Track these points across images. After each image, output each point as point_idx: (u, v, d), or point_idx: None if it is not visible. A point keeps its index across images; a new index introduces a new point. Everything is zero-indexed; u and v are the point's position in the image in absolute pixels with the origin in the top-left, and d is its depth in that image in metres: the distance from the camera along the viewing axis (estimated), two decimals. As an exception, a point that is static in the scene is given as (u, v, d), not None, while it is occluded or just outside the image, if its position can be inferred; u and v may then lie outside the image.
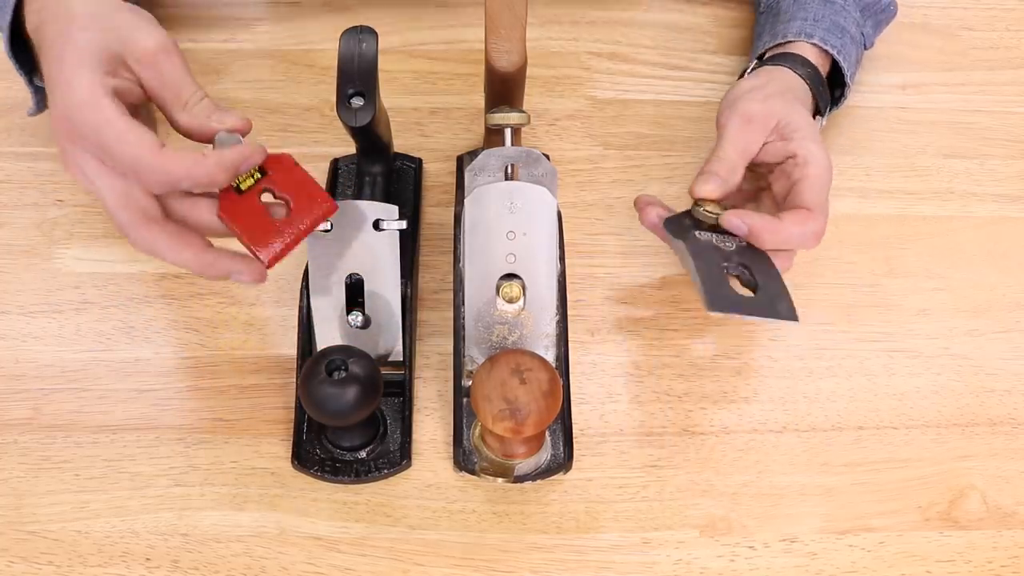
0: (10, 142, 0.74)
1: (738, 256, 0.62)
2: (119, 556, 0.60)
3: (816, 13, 0.72)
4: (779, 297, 0.61)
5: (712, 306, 0.59)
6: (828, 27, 0.72)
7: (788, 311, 0.60)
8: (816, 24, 0.72)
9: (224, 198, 0.55)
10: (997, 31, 0.85)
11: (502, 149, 0.63)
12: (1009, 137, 0.79)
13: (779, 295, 0.61)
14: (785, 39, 0.72)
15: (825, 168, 0.64)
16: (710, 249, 0.62)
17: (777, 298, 0.61)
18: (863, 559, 0.62)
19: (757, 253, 0.63)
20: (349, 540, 0.61)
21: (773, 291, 0.61)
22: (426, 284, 0.70)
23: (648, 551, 0.62)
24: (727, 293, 0.60)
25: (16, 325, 0.67)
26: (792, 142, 0.64)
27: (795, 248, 0.64)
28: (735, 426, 0.66)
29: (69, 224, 0.71)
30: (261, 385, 0.66)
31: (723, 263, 0.62)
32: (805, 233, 0.62)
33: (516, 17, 0.60)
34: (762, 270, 0.62)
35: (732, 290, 0.60)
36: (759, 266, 0.62)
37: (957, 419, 0.67)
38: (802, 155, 0.64)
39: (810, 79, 0.69)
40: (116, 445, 0.63)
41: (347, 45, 0.59)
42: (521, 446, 0.61)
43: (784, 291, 0.61)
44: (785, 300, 0.61)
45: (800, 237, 0.62)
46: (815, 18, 0.72)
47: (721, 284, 0.60)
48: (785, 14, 0.74)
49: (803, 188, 0.63)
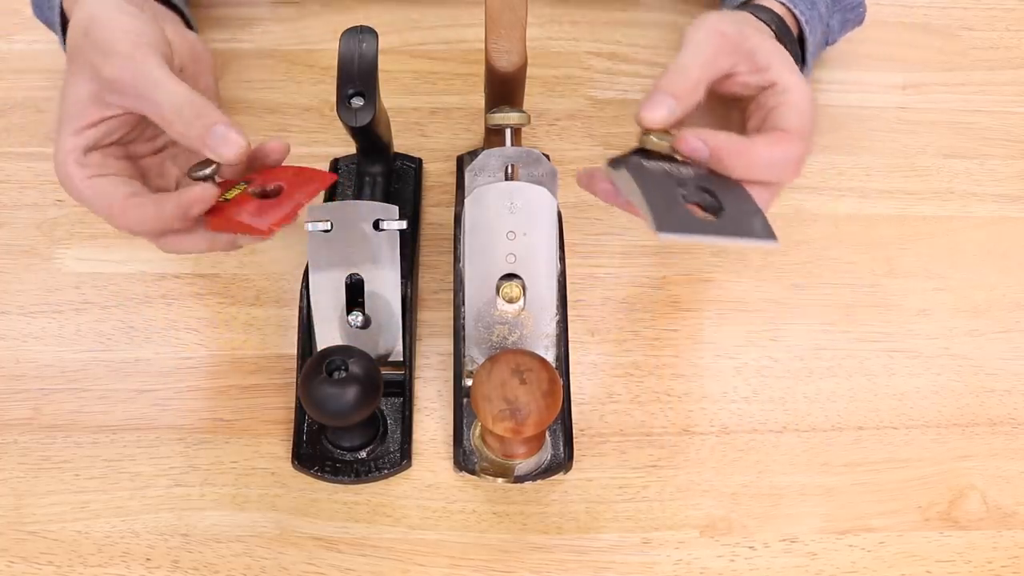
0: (10, 142, 0.74)
1: (697, 181, 0.52)
2: (119, 556, 0.60)
3: None
4: (751, 215, 0.50)
5: (661, 226, 0.47)
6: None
7: (763, 229, 0.49)
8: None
9: (210, 212, 0.55)
10: (997, 31, 0.85)
11: (502, 149, 0.63)
12: (1009, 137, 0.79)
13: (751, 213, 0.50)
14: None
15: (807, 98, 0.55)
16: (660, 175, 0.51)
17: (748, 216, 0.50)
18: (863, 559, 0.62)
19: (723, 178, 0.52)
20: (349, 540, 0.61)
21: (743, 210, 0.50)
22: (426, 284, 0.70)
23: (648, 551, 0.62)
24: (681, 214, 0.49)
25: (16, 325, 0.67)
26: (769, 71, 0.56)
27: (771, 178, 0.54)
28: (735, 426, 0.66)
29: (69, 224, 0.71)
30: (261, 385, 0.66)
31: (679, 189, 0.50)
32: (781, 157, 0.53)
33: (516, 17, 0.60)
34: (729, 194, 0.51)
35: (689, 212, 0.49)
36: (725, 191, 0.51)
37: (957, 419, 0.67)
38: (782, 83, 0.56)
39: (779, 30, 0.64)
40: (116, 445, 0.63)
41: (347, 45, 0.59)
42: (521, 446, 0.61)
43: (757, 209, 0.51)
44: (759, 218, 0.50)
45: (775, 163, 0.53)
46: None
47: (674, 205, 0.49)
48: None
49: (781, 112, 0.55)
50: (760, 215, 0.50)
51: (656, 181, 0.50)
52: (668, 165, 0.52)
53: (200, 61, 0.61)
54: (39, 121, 0.75)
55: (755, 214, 0.50)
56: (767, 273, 0.71)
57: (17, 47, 0.79)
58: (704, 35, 0.56)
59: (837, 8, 0.73)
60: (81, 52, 0.55)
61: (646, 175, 0.51)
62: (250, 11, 0.81)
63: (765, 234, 0.49)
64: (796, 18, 0.67)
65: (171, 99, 0.53)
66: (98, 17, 0.55)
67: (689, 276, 0.71)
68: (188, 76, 0.59)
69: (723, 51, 0.56)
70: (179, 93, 0.54)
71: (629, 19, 0.83)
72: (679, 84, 0.54)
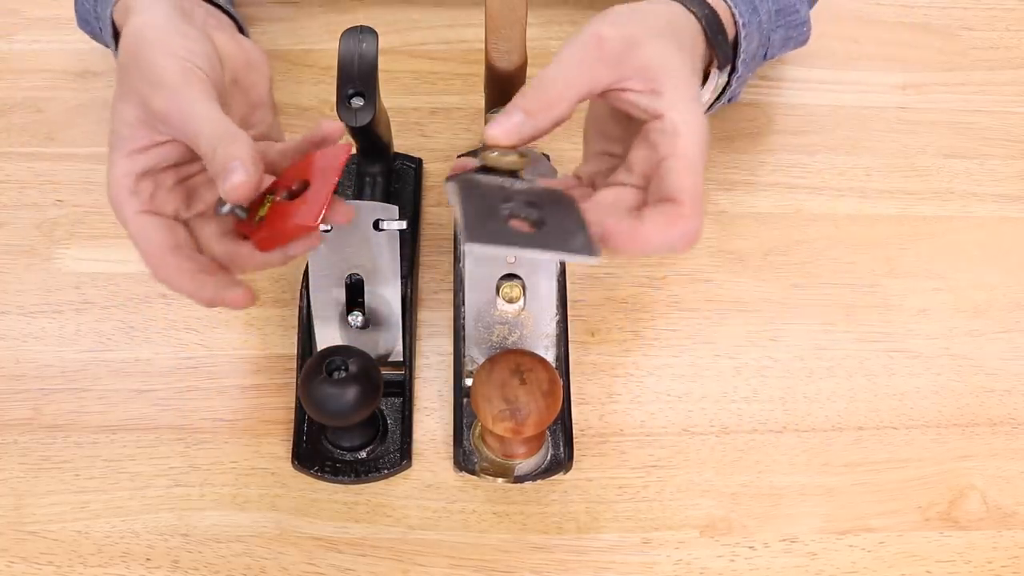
0: (10, 142, 0.74)
1: (527, 196, 0.49)
2: (119, 556, 0.60)
3: None
4: (573, 231, 0.47)
5: (471, 237, 0.45)
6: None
7: (582, 245, 0.46)
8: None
9: (253, 236, 0.53)
10: (997, 31, 0.85)
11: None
12: (1009, 137, 0.79)
13: (573, 229, 0.47)
14: None
15: (699, 141, 0.49)
16: (489, 188, 0.49)
17: (570, 231, 0.47)
18: (863, 559, 0.62)
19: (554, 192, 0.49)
20: (349, 540, 0.61)
21: (566, 226, 0.47)
22: (426, 284, 0.70)
23: (648, 551, 0.62)
24: (496, 227, 0.46)
25: (16, 325, 0.67)
26: (660, 97, 0.49)
27: (663, 254, 0.50)
28: (735, 426, 0.66)
29: (69, 224, 0.71)
30: (261, 385, 0.66)
31: (503, 203, 0.48)
32: (677, 238, 0.48)
33: (516, 17, 0.60)
34: (555, 209, 0.48)
35: (506, 225, 0.47)
36: (553, 205, 0.48)
37: (957, 419, 0.67)
38: (671, 120, 0.49)
39: (707, 21, 0.55)
40: (116, 445, 0.63)
41: (347, 45, 0.59)
42: (521, 446, 0.61)
43: (582, 225, 0.48)
44: (581, 234, 0.47)
45: (669, 244, 0.49)
46: None
47: (491, 217, 0.47)
48: None
49: (671, 170, 0.49)
50: (583, 231, 0.47)
51: (481, 194, 0.48)
52: (503, 180, 0.49)
53: (255, 69, 0.57)
54: (39, 121, 0.75)
55: (578, 230, 0.47)
56: (767, 273, 0.71)
57: (17, 47, 0.79)
58: (579, 42, 0.50)
59: (780, 23, 0.67)
60: (129, 76, 0.53)
61: (472, 188, 0.48)
62: (249, 11, 0.81)
63: (583, 249, 0.46)
64: (735, 19, 0.60)
65: (209, 133, 0.50)
66: (148, 39, 0.53)
67: (689, 276, 0.71)
68: (242, 88, 0.57)
69: (600, 62, 0.50)
70: (215, 129, 0.50)
71: (629, 19, 0.83)
72: (534, 100, 0.49)
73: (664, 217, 0.48)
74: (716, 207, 0.74)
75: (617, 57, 0.50)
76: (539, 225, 0.47)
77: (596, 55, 0.50)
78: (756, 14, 0.63)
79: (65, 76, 0.77)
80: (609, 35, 0.50)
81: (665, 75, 0.50)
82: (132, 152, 0.53)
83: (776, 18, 0.67)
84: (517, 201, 0.48)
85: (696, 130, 0.49)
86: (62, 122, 0.75)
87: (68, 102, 0.76)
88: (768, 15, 0.65)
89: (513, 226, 0.47)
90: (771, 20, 0.66)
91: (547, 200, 0.49)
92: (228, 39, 0.58)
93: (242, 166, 0.49)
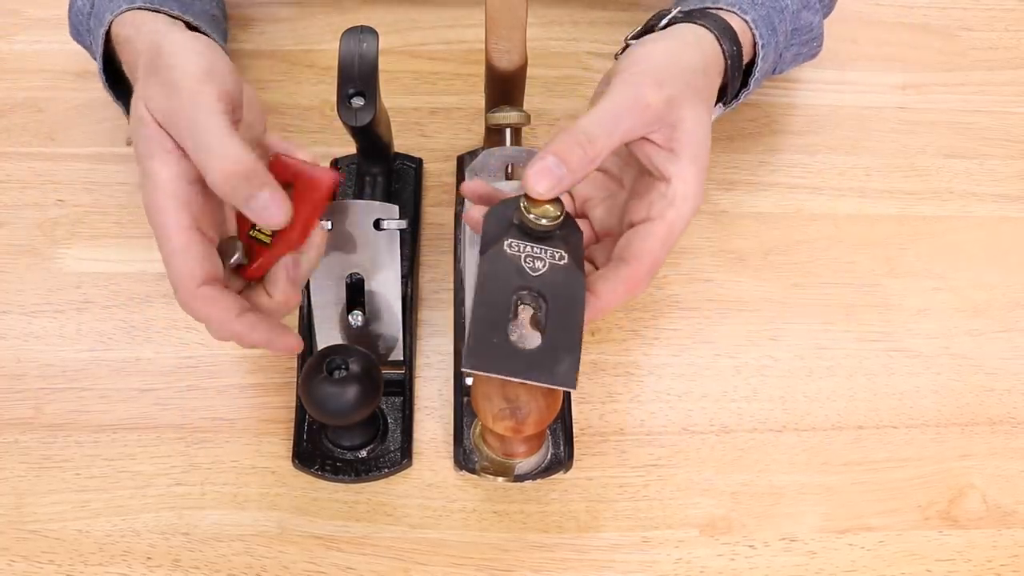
0: (11, 142, 0.74)
1: (541, 286, 0.51)
2: (120, 555, 0.60)
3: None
4: (563, 353, 0.50)
5: (468, 361, 0.48)
6: (764, 16, 0.62)
7: (566, 375, 0.49)
8: (754, 6, 0.62)
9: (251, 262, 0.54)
10: (997, 31, 0.85)
11: (502, 149, 0.63)
12: (1008, 137, 0.79)
13: (566, 349, 0.50)
14: (715, 3, 0.61)
15: (687, 217, 0.53)
16: (509, 273, 0.51)
17: (560, 353, 0.49)
18: (863, 558, 0.62)
19: (569, 284, 0.51)
20: (350, 539, 0.61)
21: (560, 343, 0.50)
22: (426, 284, 0.70)
23: (648, 550, 0.62)
24: (495, 350, 0.49)
25: (17, 325, 0.67)
26: (676, 162, 0.53)
27: None
28: (735, 425, 0.66)
29: (70, 224, 0.71)
30: (261, 384, 0.66)
31: (518, 291, 0.51)
32: (620, 299, 0.53)
33: (516, 17, 0.60)
34: (561, 315, 0.51)
35: (507, 341, 0.49)
36: (560, 305, 0.51)
37: (957, 419, 0.67)
38: (673, 189, 0.53)
39: (732, 59, 0.58)
40: (117, 444, 0.64)
41: (348, 45, 0.59)
42: (521, 445, 0.61)
43: (575, 345, 0.50)
44: (568, 360, 0.49)
45: (614, 304, 0.53)
46: (754, 0, 0.62)
47: (493, 330, 0.49)
48: None
49: (650, 234, 0.53)
50: (574, 355, 0.49)
51: (496, 286, 0.50)
52: (527, 253, 0.51)
53: (255, 107, 0.55)
54: (40, 121, 0.75)
55: (569, 352, 0.49)
56: (767, 273, 0.71)
57: (17, 47, 0.79)
58: (624, 104, 0.51)
59: (795, 41, 0.69)
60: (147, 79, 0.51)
61: (492, 273, 0.50)
62: (250, 11, 0.81)
63: (566, 381, 0.49)
64: (754, 40, 0.62)
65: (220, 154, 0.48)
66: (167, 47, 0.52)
67: (689, 276, 0.71)
68: (246, 123, 0.54)
69: (642, 124, 0.52)
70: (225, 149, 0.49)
71: (629, 19, 0.83)
72: (580, 157, 0.50)
73: (622, 284, 0.52)
74: (716, 207, 0.74)
75: (657, 118, 0.52)
76: (542, 329, 0.50)
77: (640, 119, 0.52)
78: (774, 35, 0.64)
79: (65, 76, 0.78)
80: (654, 101, 0.51)
81: (687, 140, 0.52)
82: (171, 150, 0.50)
83: (791, 37, 0.68)
84: (531, 291, 0.50)
85: (691, 207, 0.53)
86: (63, 122, 0.75)
87: (69, 102, 0.76)
88: (785, 35, 0.66)
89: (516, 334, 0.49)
90: (787, 39, 0.67)
91: (557, 294, 0.51)
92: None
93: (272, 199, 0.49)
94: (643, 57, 0.54)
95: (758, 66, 0.63)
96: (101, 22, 0.62)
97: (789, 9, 0.65)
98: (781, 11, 0.64)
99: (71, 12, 0.68)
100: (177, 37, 0.54)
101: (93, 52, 0.66)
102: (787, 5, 0.65)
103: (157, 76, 0.51)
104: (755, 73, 0.64)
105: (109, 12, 0.61)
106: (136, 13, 0.60)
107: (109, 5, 0.62)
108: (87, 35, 0.67)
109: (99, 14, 0.63)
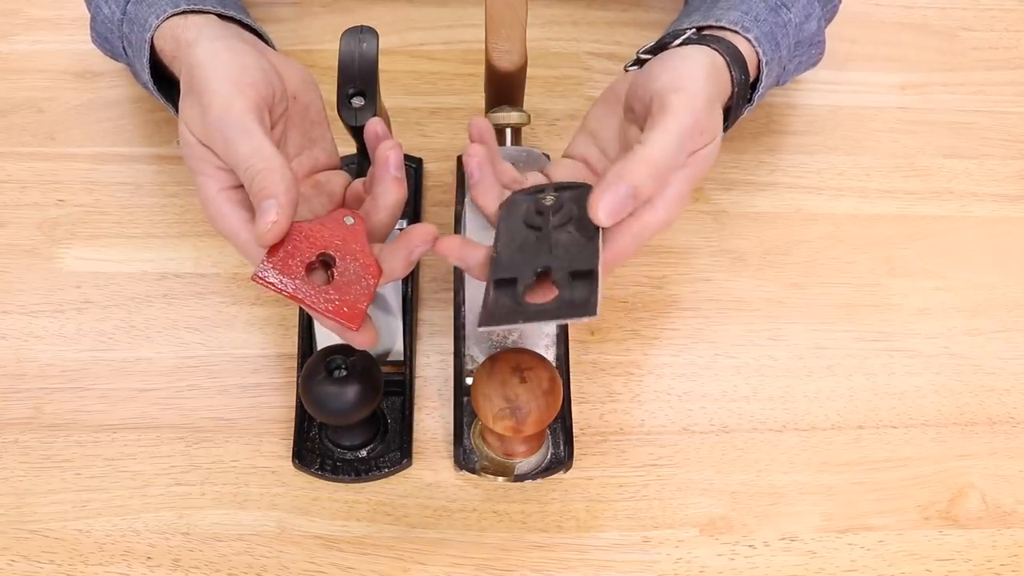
0: (11, 142, 0.74)
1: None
2: (120, 555, 0.60)
3: (758, 11, 0.63)
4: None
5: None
6: (767, 32, 0.63)
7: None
8: (757, 23, 0.63)
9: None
10: (996, 31, 0.85)
11: (502, 149, 0.63)
12: (1008, 137, 0.79)
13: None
14: (719, 23, 0.62)
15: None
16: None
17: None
18: (863, 558, 0.62)
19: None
20: (350, 539, 0.61)
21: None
22: (426, 284, 0.70)
23: (648, 550, 0.62)
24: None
25: (17, 325, 0.67)
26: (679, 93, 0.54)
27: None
28: (735, 425, 0.66)
29: (70, 224, 0.71)
30: (261, 384, 0.66)
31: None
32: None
33: (516, 17, 0.60)
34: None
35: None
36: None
37: (957, 418, 0.67)
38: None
39: (739, 87, 0.60)
40: (117, 444, 0.64)
41: (348, 45, 0.59)
42: (521, 445, 0.61)
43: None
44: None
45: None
46: (756, 16, 0.63)
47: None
48: (725, 1, 0.64)
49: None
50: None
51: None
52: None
53: (310, 87, 0.59)
54: (40, 121, 0.75)
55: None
56: (767, 273, 0.71)
57: (18, 47, 0.79)
58: (688, 130, 0.52)
59: (797, 54, 0.68)
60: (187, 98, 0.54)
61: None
62: (250, 11, 0.81)
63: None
64: (758, 57, 0.63)
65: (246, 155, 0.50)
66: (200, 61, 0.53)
67: (689, 276, 0.71)
68: (301, 104, 0.58)
69: (694, 146, 0.53)
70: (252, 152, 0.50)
71: (629, 19, 0.83)
72: (650, 189, 0.51)
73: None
74: (716, 207, 0.74)
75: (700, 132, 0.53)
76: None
77: (695, 144, 0.53)
78: (777, 49, 0.64)
79: (66, 76, 0.78)
80: (709, 127, 0.53)
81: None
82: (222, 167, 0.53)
83: (794, 49, 0.68)
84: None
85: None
86: (63, 122, 0.75)
87: (69, 102, 0.76)
88: (788, 49, 0.66)
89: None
90: (790, 52, 0.67)
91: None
92: (282, 58, 0.59)
93: (276, 205, 0.49)
94: (690, 80, 0.54)
95: (762, 83, 0.64)
96: (144, 27, 0.61)
97: (792, 23, 0.65)
98: (784, 25, 0.65)
99: (96, 21, 0.68)
100: (206, 49, 0.54)
101: (129, 60, 0.66)
102: (790, 19, 0.65)
103: (192, 96, 0.54)
104: (759, 89, 0.64)
105: (154, 17, 0.61)
106: (172, 22, 0.60)
107: (148, 12, 0.62)
108: (119, 42, 0.66)
109: (137, 19, 0.63)
